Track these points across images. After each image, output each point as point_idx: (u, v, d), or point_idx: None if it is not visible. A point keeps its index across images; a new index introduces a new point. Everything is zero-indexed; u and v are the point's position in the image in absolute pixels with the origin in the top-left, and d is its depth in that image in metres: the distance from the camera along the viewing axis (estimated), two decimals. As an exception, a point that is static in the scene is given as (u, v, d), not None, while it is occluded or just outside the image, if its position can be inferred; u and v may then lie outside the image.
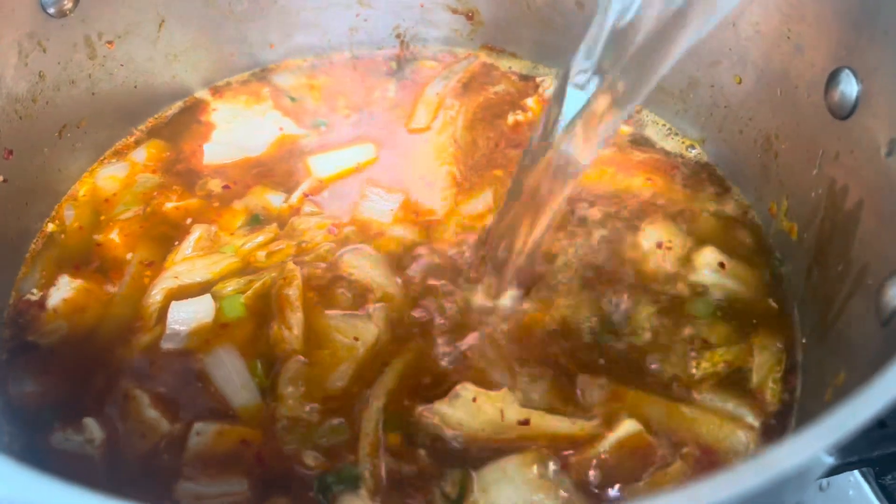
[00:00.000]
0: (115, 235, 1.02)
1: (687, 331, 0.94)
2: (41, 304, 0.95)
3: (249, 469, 0.82)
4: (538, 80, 1.23)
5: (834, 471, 0.93)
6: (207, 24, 1.17)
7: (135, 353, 0.91)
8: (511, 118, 1.18)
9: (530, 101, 1.20)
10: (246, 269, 0.98)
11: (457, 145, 1.14)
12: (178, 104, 1.18)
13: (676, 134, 1.16)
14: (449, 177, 1.09)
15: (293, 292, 0.93)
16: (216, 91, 1.20)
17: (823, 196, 0.92)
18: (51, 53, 0.98)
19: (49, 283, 0.97)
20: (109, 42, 1.05)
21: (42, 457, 0.83)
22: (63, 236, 1.02)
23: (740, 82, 1.06)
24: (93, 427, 0.85)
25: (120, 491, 0.74)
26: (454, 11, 1.26)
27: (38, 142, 1.00)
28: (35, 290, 0.96)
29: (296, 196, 1.05)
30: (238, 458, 0.83)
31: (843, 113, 0.88)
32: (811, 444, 0.50)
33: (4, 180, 0.94)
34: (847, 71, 0.87)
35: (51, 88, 0.99)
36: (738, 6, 0.94)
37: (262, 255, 0.99)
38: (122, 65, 1.09)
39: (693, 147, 1.14)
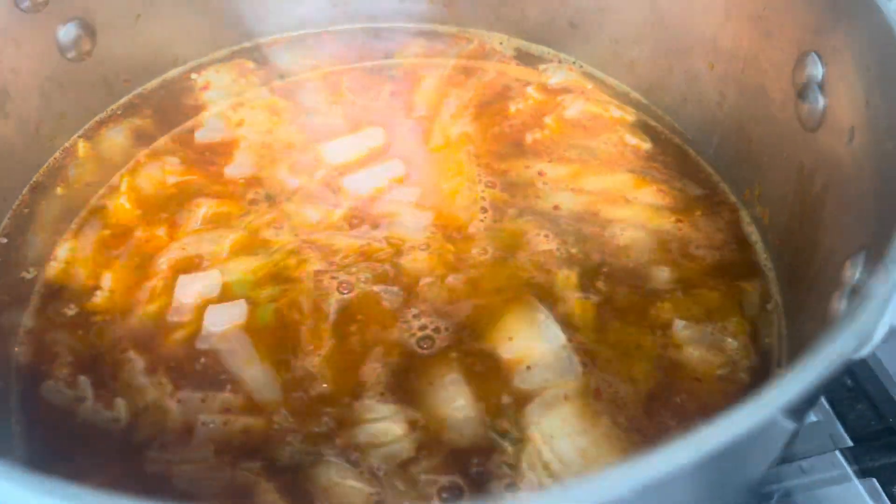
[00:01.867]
0: (162, 232, 1.09)
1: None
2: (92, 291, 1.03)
3: (243, 455, 0.87)
4: (541, 67, 1.27)
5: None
6: (182, 16, 1.24)
7: (169, 345, 0.97)
8: (530, 137, 1.20)
9: (549, 119, 1.23)
10: (278, 275, 1.03)
11: (477, 162, 1.17)
12: (196, 122, 1.25)
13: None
14: (472, 193, 1.13)
15: (325, 304, 0.99)
16: (201, 69, 1.28)
17: (793, 181, 0.94)
18: (71, 94, 1.07)
19: (95, 276, 1.04)
20: (126, 81, 1.14)
21: (67, 422, 0.91)
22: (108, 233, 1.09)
23: (724, 97, 1.08)
24: (122, 408, 0.92)
25: (124, 467, 0.87)
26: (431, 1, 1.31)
27: (61, 175, 1.09)
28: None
29: (337, 216, 1.10)
30: (237, 446, 0.88)
31: (812, 125, 0.89)
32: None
33: (31, 212, 1.04)
34: (813, 55, 0.88)
35: (72, 125, 1.09)
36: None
37: (293, 261, 1.05)
38: (140, 100, 1.17)
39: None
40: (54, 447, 0.91)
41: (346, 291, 1.01)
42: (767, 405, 0.54)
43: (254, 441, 0.89)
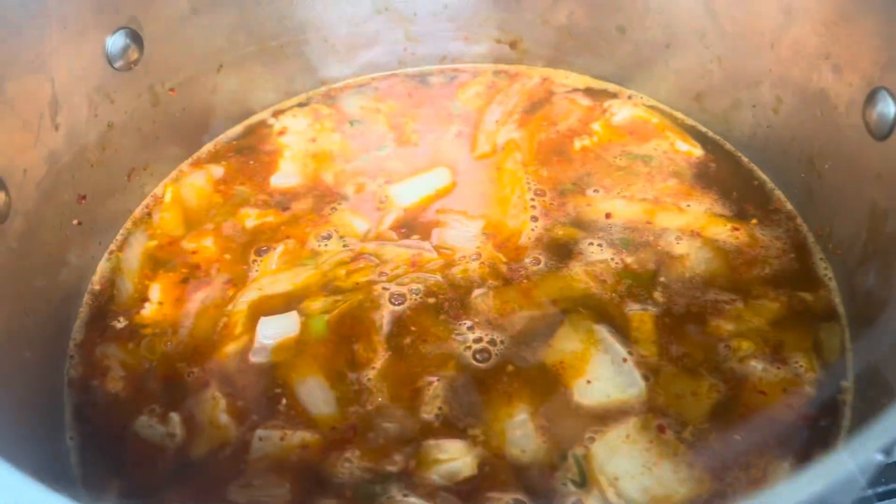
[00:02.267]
0: (209, 243, 1.09)
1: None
2: (140, 303, 1.03)
3: (301, 472, 0.86)
4: (605, 104, 1.24)
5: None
6: (263, 66, 1.24)
7: (221, 358, 0.96)
8: (578, 143, 1.18)
9: (596, 126, 1.21)
10: (327, 285, 1.02)
11: (525, 170, 1.15)
12: (240, 129, 1.24)
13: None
14: (521, 201, 1.11)
15: (378, 316, 0.98)
16: (279, 114, 1.26)
17: (865, 218, 0.91)
18: (118, 104, 1.06)
19: (143, 288, 1.04)
20: (172, 90, 1.13)
21: (123, 438, 0.91)
22: (154, 244, 1.09)
23: (781, 102, 1.05)
24: (176, 423, 0.92)
25: (179, 485, 0.86)
26: (498, 41, 1.30)
27: (108, 186, 1.08)
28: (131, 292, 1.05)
29: (385, 226, 1.09)
30: (295, 462, 0.87)
31: (882, 133, 0.87)
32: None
33: (79, 223, 1.03)
34: (883, 91, 0.86)
35: (118, 136, 1.07)
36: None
37: (342, 272, 1.04)
38: (184, 109, 1.16)
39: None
40: (109, 463, 0.90)
41: (398, 303, 1.00)
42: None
43: (311, 457, 0.88)
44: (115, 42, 1.02)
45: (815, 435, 0.87)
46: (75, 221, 1.02)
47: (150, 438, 0.91)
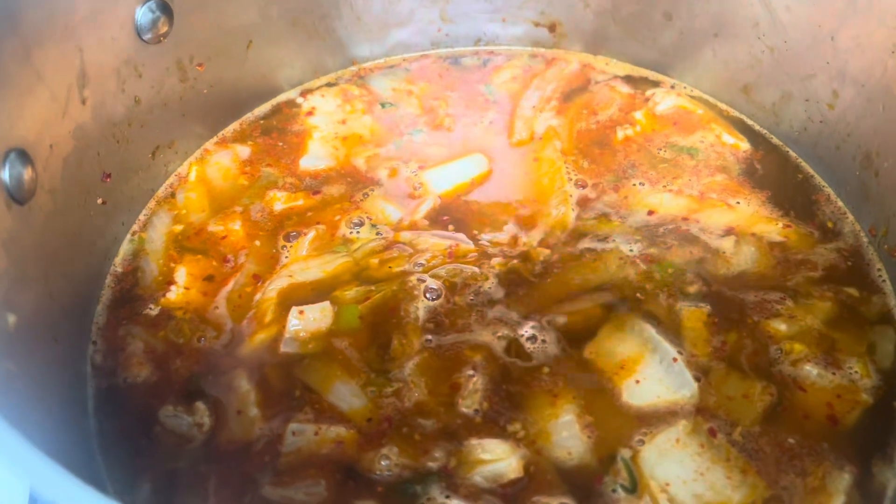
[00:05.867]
0: (237, 226, 1.05)
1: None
2: (165, 286, 0.98)
3: (336, 469, 0.83)
4: (648, 93, 1.19)
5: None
6: (293, 42, 1.19)
7: (251, 347, 0.93)
8: (621, 133, 1.14)
9: (639, 115, 1.16)
10: (359, 274, 0.99)
11: (564, 159, 1.11)
12: (268, 108, 1.20)
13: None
14: (561, 192, 1.07)
15: (413, 307, 0.95)
16: (307, 94, 1.22)
17: None
18: (146, 78, 1.01)
19: (168, 270, 1.00)
20: (200, 65, 1.08)
21: (147, 427, 0.87)
22: (180, 227, 1.05)
23: (837, 96, 1.01)
24: (203, 411, 0.88)
25: (206, 477, 0.82)
26: (536, 24, 1.25)
27: (133, 164, 1.04)
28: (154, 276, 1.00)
29: (420, 214, 1.05)
30: (329, 458, 0.84)
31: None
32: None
33: (103, 202, 0.98)
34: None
35: (145, 112, 1.03)
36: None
37: (375, 261, 1.00)
38: (211, 85, 1.12)
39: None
40: (133, 451, 0.86)
41: (434, 296, 0.96)
42: None
43: (347, 453, 0.84)
44: (145, 13, 0.98)
45: (874, 444, 0.84)
46: (100, 200, 0.98)
47: (175, 427, 0.87)
